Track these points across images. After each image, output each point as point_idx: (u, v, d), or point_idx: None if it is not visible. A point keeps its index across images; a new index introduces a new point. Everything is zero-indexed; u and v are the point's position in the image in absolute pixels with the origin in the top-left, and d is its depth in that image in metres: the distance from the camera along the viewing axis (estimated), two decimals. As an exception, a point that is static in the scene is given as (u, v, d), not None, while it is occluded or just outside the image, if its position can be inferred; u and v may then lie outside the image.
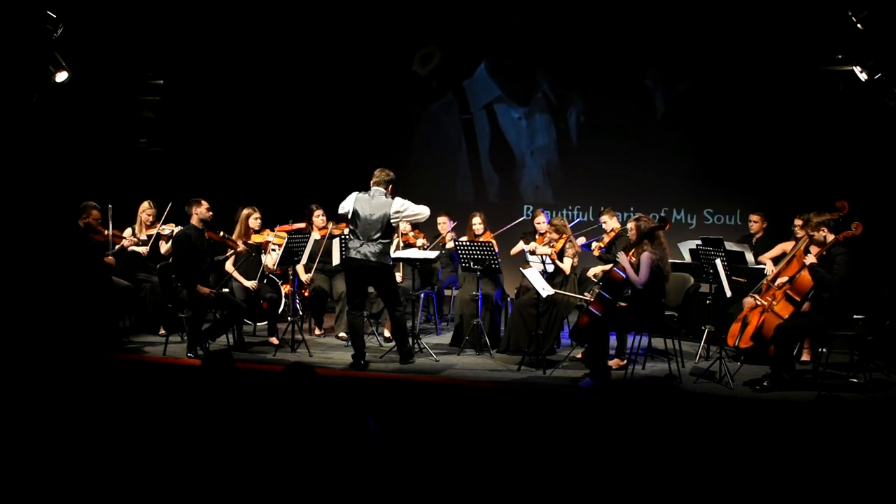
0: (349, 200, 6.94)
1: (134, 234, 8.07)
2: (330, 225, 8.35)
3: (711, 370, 6.76)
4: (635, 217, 6.75)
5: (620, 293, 6.61)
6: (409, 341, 7.29)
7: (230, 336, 7.62)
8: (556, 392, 6.38)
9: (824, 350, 6.96)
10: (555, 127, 10.63)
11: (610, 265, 7.09)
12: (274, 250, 7.87)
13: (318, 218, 8.40)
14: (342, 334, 8.10)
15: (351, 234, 6.96)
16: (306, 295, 8.28)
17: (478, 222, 8.08)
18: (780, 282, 6.60)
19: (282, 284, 8.23)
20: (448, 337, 8.18)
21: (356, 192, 6.97)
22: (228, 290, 7.65)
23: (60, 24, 7.76)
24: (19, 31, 7.67)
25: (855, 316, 6.60)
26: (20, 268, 7.50)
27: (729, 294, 6.76)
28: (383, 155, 10.48)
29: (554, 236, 7.67)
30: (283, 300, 8.22)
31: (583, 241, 7.99)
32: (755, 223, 8.23)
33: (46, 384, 5.64)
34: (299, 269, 8.11)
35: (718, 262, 6.76)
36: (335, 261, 8.25)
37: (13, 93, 7.86)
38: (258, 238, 7.76)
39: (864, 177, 8.54)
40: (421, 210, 6.97)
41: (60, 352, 6.83)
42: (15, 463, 3.85)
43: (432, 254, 7.89)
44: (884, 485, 3.66)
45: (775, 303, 6.50)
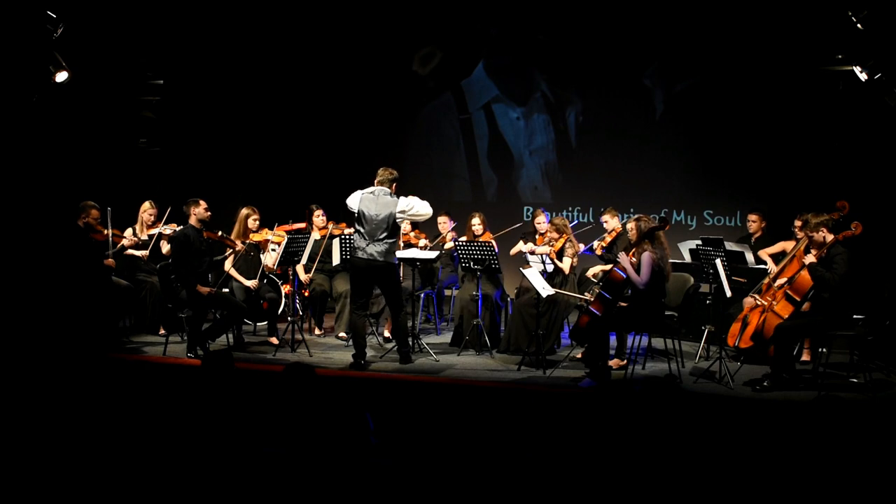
0: (355, 199, 6.95)
1: (135, 234, 8.08)
2: (330, 225, 8.35)
3: (711, 370, 6.76)
4: (636, 217, 6.75)
5: (621, 293, 6.61)
6: (410, 341, 7.29)
7: (230, 336, 7.61)
8: (556, 392, 6.37)
9: (824, 350, 6.95)
10: (553, 127, 10.60)
11: (610, 265, 7.09)
12: (274, 250, 7.87)
13: (319, 218, 8.41)
14: (342, 334, 8.10)
15: (357, 234, 6.96)
16: (306, 295, 8.28)
17: (477, 223, 8.08)
18: (780, 282, 6.60)
19: (282, 284, 8.23)
20: (448, 337, 8.18)
21: (360, 190, 6.97)
22: (228, 290, 7.65)
23: (60, 24, 7.76)
24: (19, 31, 7.67)
25: (855, 316, 6.60)
26: (20, 267, 7.50)
27: (729, 294, 6.76)
28: (381, 155, 10.49)
29: (554, 236, 7.67)
30: (283, 300, 8.22)
31: (584, 247, 7.97)
32: (753, 223, 8.23)
33: (45, 384, 5.64)
34: (299, 269, 8.12)
35: (718, 262, 6.76)
36: (335, 261, 8.25)
37: (13, 93, 7.86)
38: (257, 237, 7.77)
39: (864, 177, 8.54)
40: (424, 208, 6.98)
41: (59, 351, 6.83)
42: (14, 463, 3.85)
43: (432, 254, 7.89)
44: (884, 485, 3.65)
45: (775, 303, 6.50)
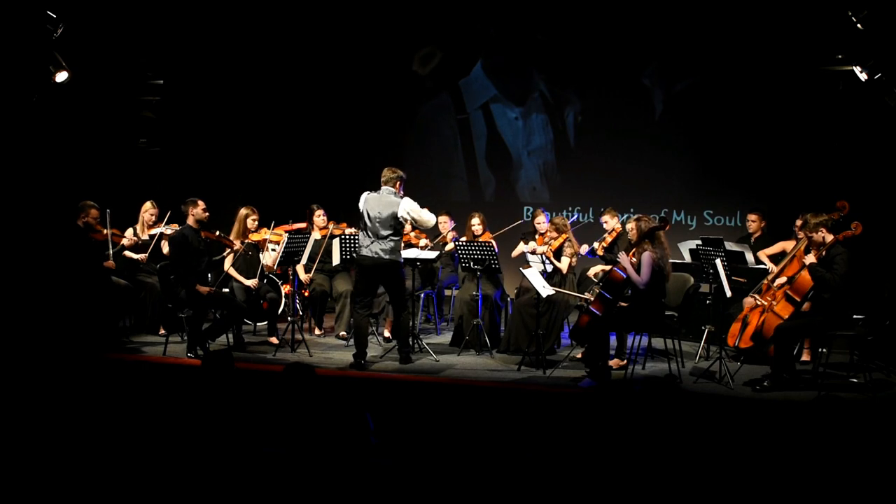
0: (361, 199, 6.98)
1: (135, 234, 8.08)
2: (331, 225, 8.36)
3: (711, 370, 6.76)
4: (636, 217, 6.75)
5: (621, 293, 6.61)
6: (410, 341, 7.30)
7: (230, 336, 7.61)
8: (556, 392, 6.37)
9: (824, 350, 6.95)
10: (552, 127, 10.58)
11: (610, 265, 7.10)
12: (273, 250, 7.87)
13: (319, 218, 8.41)
14: (342, 334, 8.10)
15: (361, 233, 6.97)
16: (306, 295, 8.28)
17: (477, 223, 8.08)
18: (780, 282, 6.59)
19: (282, 284, 8.23)
20: (448, 337, 8.18)
21: (367, 192, 6.99)
22: (228, 290, 7.65)
23: (60, 24, 7.76)
24: (19, 31, 7.67)
25: (855, 316, 6.60)
26: (20, 267, 7.50)
27: (729, 294, 6.76)
28: (379, 155, 10.49)
29: (554, 235, 7.67)
30: (283, 300, 8.22)
31: (586, 248, 7.96)
32: (753, 223, 8.23)
33: (44, 383, 5.64)
34: (299, 269, 8.12)
35: (718, 262, 6.76)
36: (335, 261, 8.26)
37: (13, 93, 7.86)
38: (256, 237, 7.77)
39: (864, 177, 8.54)
40: (428, 217, 6.98)
41: (58, 351, 6.83)
42: (13, 463, 3.85)
43: (432, 254, 7.90)
44: (884, 485, 3.65)
45: (775, 303, 6.50)
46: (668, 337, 7.23)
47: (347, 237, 8.01)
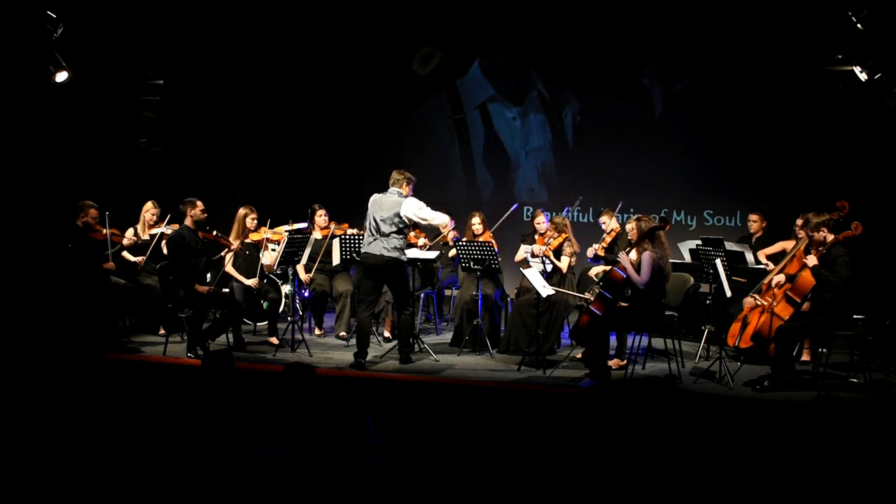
0: (370, 200, 7.02)
1: (136, 233, 8.09)
2: (332, 225, 8.36)
3: (711, 370, 6.76)
4: (636, 217, 6.75)
5: (621, 293, 6.61)
6: (411, 341, 7.29)
7: (230, 336, 7.61)
8: (556, 392, 6.37)
9: (824, 350, 6.96)
10: (550, 127, 10.55)
11: (610, 265, 7.10)
12: (274, 250, 7.87)
13: (321, 218, 8.41)
14: (342, 334, 8.11)
15: (367, 233, 7.00)
16: (306, 295, 8.28)
17: (477, 222, 8.08)
18: (780, 280, 6.54)
19: (282, 284, 8.23)
20: (448, 337, 8.18)
21: (376, 193, 7.02)
22: (228, 290, 7.65)
23: (60, 24, 7.76)
24: (19, 31, 7.67)
25: (855, 316, 6.60)
26: (19, 267, 7.50)
27: (729, 294, 6.76)
28: (377, 155, 10.49)
29: (554, 234, 7.67)
30: (284, 300, 8.22)
31: (591, 252, 7.94)
32: (754, 223, 8.23)
33: (43, 383, 5.64)
34: (299, 268, 8.11)
35: (718, 262, 6.76)
36: (335, 261, 8.26)
37: (13, 93, 7.86)
38: (255, 237, 7.78)
39: (864, 177, 8.54)
40: (435, 217, 6.98)
41: (58, 350, 6.82)
42: (13, 463, 3.85)
43: (432, 254, 7.89)
44: (884, 485, 3.65)
45: (775, 303, 6.49)
46: (668, 337, 7.23)
47: (348, 237, 8.01)
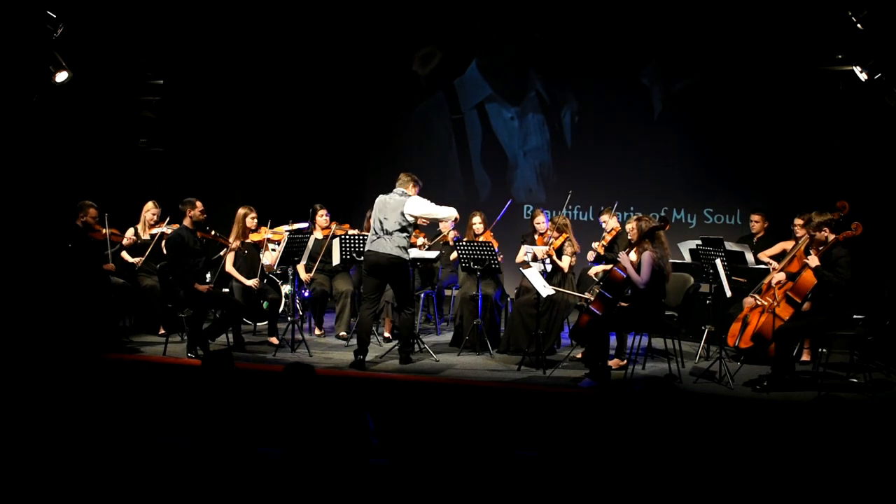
0: (375, 203, 7.05)
1: (136, 233, 8.09)
2: (333, 225, 8.36)
3: (711, 370, 6.76)
4: (636, 217, 6.76)
5: (621, 293, 6.61)
6: (411, 341, 7.30)
7: (230, 336, 7.62)
8: (556, 392, 6.37)
9: (824, 350, 6.96)
10: (548, 127, 10.52)
11: (610, 265, 7.10)
12: (274, 249, 7.87)
13: (322, 218, 8.42)
14: (342, 334, 8.11)
15: (371, 232, 7.01)
16: (306, 295, 8.28)
17: (478, 221, 8.08)
18: (780, 279, 6.54)
19: (282, 284, 8.23)
20: (448, 337, 8.18)
21: (381, 194, 7.04)
22: (228, 290, 7.65)
23: (60, 24, 7.76)
24: (19, 31, 7.67)
25: (855, 316, 6.60)
26: (19, 267, 7.50)
27: (729, 294, 6.76)
28: (375, 156, 10.49)
29: (554, 234, 7.67)
30: (284, 300, 8.22)
31: (592, 255, 7.94)
32: (756, 223, 8.23)
33: (43, 383, 5.64)
34: (299, 268, 8.12)
35: (718, 262, 6.76)
36: (335, 261, 8.26)
37: (13, 93, 7.86)
38: (256, 237, 7.78)
39: (864, 177, 8.54)
40: (441, 210, 6.99)
41: (58, 350, 6.82)
42: (13, 463, 3.85)
43: (432, 254, 7.89)
44: (884, 485, 3.65)
45: (776, 303, 6.49)
46: (668, 337, 7.23)
47: (348, 237, 8.01)
